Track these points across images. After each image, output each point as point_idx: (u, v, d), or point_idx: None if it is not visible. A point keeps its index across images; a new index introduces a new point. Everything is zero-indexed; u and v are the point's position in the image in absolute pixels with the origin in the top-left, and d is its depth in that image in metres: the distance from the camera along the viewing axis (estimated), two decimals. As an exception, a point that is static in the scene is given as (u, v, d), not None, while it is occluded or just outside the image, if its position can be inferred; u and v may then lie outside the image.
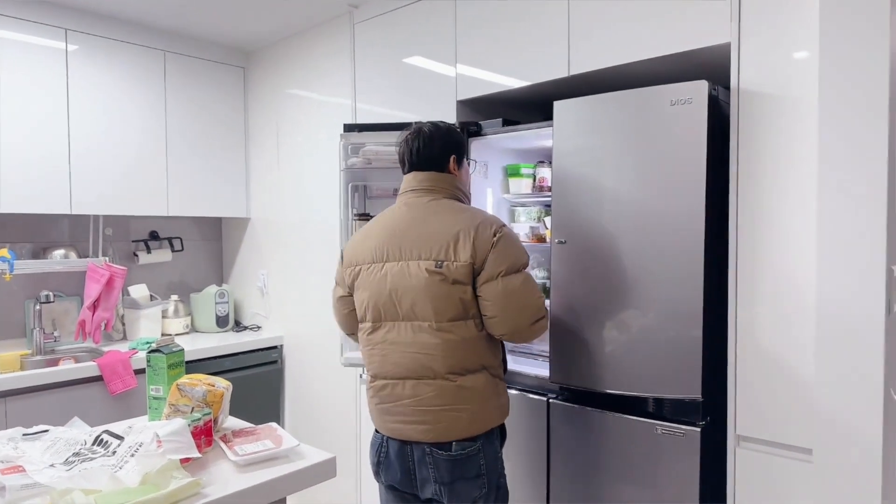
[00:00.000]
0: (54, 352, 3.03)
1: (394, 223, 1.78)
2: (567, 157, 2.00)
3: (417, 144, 1.81)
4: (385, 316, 1.74)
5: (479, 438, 1.70)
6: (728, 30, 1.79)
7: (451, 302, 1.66)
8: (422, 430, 1.69)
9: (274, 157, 3.47)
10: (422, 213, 1.75)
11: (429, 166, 1.81)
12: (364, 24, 2.90)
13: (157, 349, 1.83)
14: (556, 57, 2.19)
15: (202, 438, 1.53)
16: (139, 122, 3.21)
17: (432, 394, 1.67)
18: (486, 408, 1.72)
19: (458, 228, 1.68)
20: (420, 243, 1.70)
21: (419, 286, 1.67)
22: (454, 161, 1.83)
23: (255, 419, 1.87)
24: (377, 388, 1.78)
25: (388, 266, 1.73)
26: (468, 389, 1.68)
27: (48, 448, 1.55)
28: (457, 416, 1.67)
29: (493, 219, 1.74)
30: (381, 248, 1.76)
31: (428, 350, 1.67)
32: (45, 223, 3.16)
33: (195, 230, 3.77)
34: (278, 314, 3.50)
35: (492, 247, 1.66)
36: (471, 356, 1.69)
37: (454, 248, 1.67)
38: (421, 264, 1.68)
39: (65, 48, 2.93)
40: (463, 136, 1.92)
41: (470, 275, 1.66)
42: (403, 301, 1.70)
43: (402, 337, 1.71)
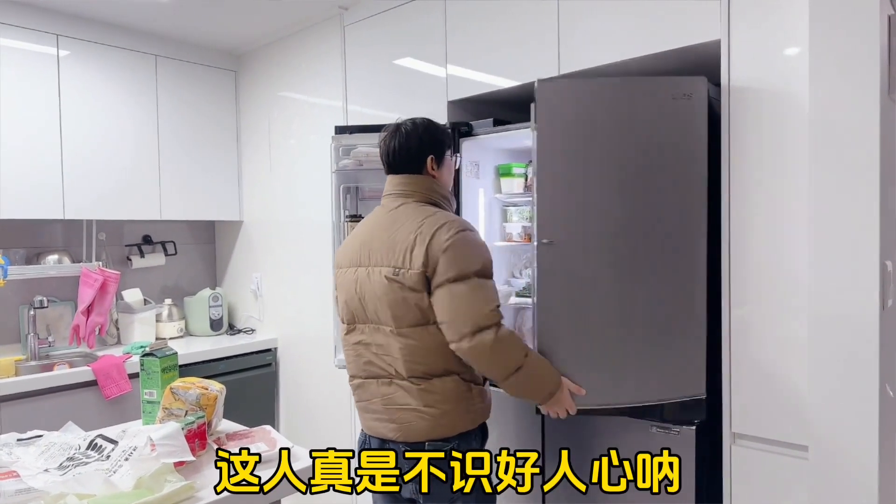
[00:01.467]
0: (49, 357, 3.02)
1: (369, 228, 1.79)
2: (552, 144, 1.82)
3: (394, 145, 1.78)
4: (357, 318, 1.77)
5: (454, 439, 1.68)
6: (718, 27, 1.79)
7: (408, 308, 1.65)
8: (391, 429, 1.70)
9: (266, 159, 3.46)
10: (388, 220, 1.74)
11: (404, 168, 1.78)
12: (354, 25, 2.90)
13: (150, 353, 1.83)
14: (546, 56, 2.20)
15: (196, 442, 1.53)
16: (131, 126, 3.20)
17: (398, 393, 1.69)
18: (456, 411, 1.68)
19: (415, 235, 1.65)
20: (382, 250, 1.70)
21: (380, 292, 1.68)
22: (432, 161, 1.78)
23: (249, 422, 1.86)
24: (354, 387, 1.81)
25: (358, 271, 1.75)
26: (434, 393, 1.66)
27: (42, 453, 1.55)
28: (421, 416, 1.66)
29: (455, 223, 1.67)
30: (355, 252, 1.78)
31: (391, 353, 1.69)
32: (39, 228, 3.15)
33: (188, 234, 3.76)
34: (272, 317, 3.49)
35: (442, 252, 1.61)
36: (434, 361, 1.66)
37: (410, 255, 1.64)
38: (382, 271, 1.68)
39: (56, 54, 2.92)
40: (444, 133, 1.86)
41: (423, 282, 1.63)
42: (368, 305, 1.72)
43: (370, 339, 1.73)
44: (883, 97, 1.53)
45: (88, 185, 3.03)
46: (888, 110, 1.62)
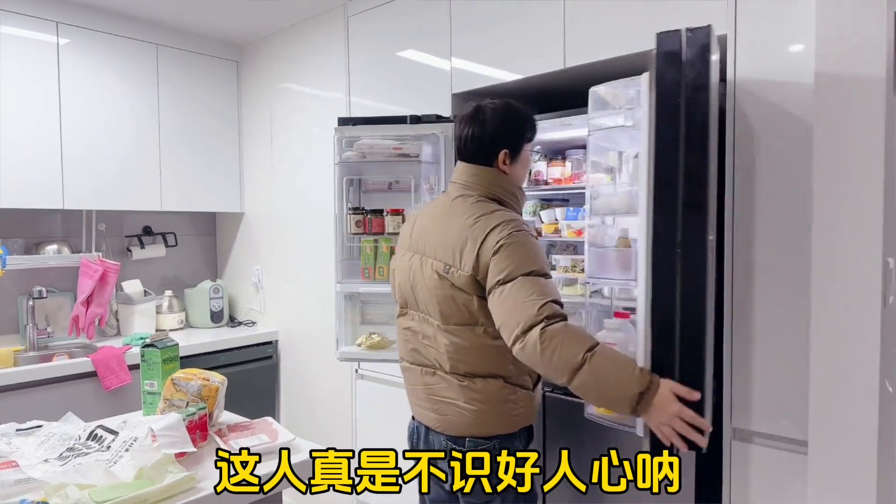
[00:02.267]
0: (48, 348, 3.01)
1: (429, 214, 1.77)
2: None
3: (468, 132, 1.68)
4: (408, 303, 1.77)
5: (495, 438, 1.64)
6: (725, 21, 1.78)
7: (456, 307, 1.61)
8: (433, 419, 1.70)
9: (268, 151, 3.45)
10: (446, 210, 1.70)
11: (474, 159, 1.69)
12: (358, 17, 2.88)
13: (151, 344, 1.82)
14: (551, 50, 2.19)
15: (197, 433, 1.52)
16: (132, 116, 3.19)
17: (441, 385, 1.68)
18: (495, 412, 1.63)
19: (467, 234, 1.59)
20: (436, 242, 1.67)
21: (430, 285, 1.66)
22: (505, 156, 1.68)
23: (250, 414, 1.86)
24: (403, 370, 1.82)
25: (413, 259, 1.74)
26: (476, 392, 1.62)
27: (42, 443, 1.55)
28: (461, 412, 1.64)
29: (510, 224, 1.57)
30: (413, 237, 1.77)
31: (436, 346, 1.67)
32: (38, 218, 3.14)
33: (189, 225, 3.75)
34: (273, 309, 3.49)
35: (493, 255, 1.53)
36: (478, 362, 1.62)
37: (460, 254, 1.59)
38: (433, 264, 1.66)
39: (56, 42, 2.90)
40: (525, 124, 1.72)
41: (472, 284, 1.57)
42: (419, 295, 1.71)
43: (418, 327, 1.72)
44: (888, 94, 1.52)
45: (88, 174, 3.02)
46: (893, 107, 1.61)
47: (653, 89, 1.44)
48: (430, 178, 2.41)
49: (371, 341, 2.41)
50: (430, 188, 2.41)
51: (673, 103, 1.42)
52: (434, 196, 2.39)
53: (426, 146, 2.36)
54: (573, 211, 2.41)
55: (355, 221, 2.41)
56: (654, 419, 1.41)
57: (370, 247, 2.44)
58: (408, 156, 2.36)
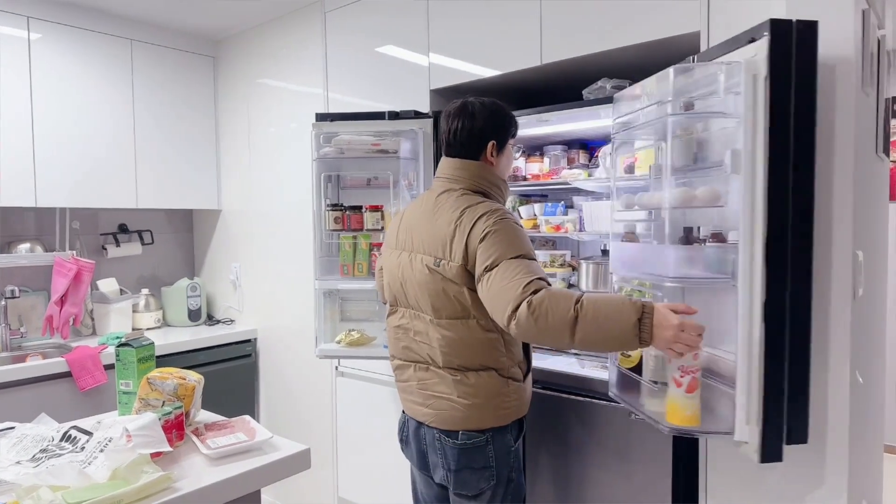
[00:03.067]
0: (21, 348, 2.96)
1: (415, 211, 1.78)
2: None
3: (457, 125, 1.71)
4: (398, 301, 1.77)
5: (488, 431, 1.66)
6: (698, 19, 1.80)
7: (448, 300, 1.63)
8: (426, 414, 1.71)
9: (245, 147, 3.42)
10: (433, 206, 1.71)
11: (461, 152, 1.72)
12: (335, 12, 2.87)
13: (126, 343, 1.80)
14: (528, 46, 2.19)
15: (173, 432, 1.51)
16: (106, 112, 3.14)
17: (434, 380, 1.69)
18: (488, 406, 1.65)
19: (454, 226, 1.61)
20: (424, 237, 1.69)
21: (421, 281, 1.67)
22: (493, 147, 1.71)
23: (230, 413, 1.85)
24: (394, 368, 1.83)
25: (402, 255, 1.75)
26: (469, 386, 1.64)
27: (14, 445, 1.52)
28: (454, 406, 1.65)
29: (495, 213, 1.60)
30: (400, 235, 1.78)
31: (429, 342, 1.68)
32: (10, 216, 3.08)
33: (165, 223, 3.71)
34: (252, 307, 3.46)
35: (479, 242, 1.55)
36: (471, 355, 1.64)
37: (450, 246, 1.61)
38: (423, 259, 1.67)
39: (27, 37, 2.85)
40: (511, 120, 1.76)
41: (463, 275, 1.59)
42: (409, 291, 1.72)
43: (409, 324, 1.73)
44: (857, 90, 1.55)
45: (61, 172, 2.96)
46: (862, 103, 1.64)
47: (766, 81, 1.38)
48: (409, 174, 2.41)
49: (350, 338, 2.41)
50: (409, 184, 2.41)
51: (785, 97, 1.39)
52: (413, 192, 2.39)
53: (405, 142, 2.36)
54: (551, 206, 2.43)
55: (334, 218, 2.40)
56: (661, 341, 1.40)
57: (349, 243, 2.43)
58: (386, 152, 2.35)
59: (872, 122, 1.84)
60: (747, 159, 1.42)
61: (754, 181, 1.41)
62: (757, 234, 1.41)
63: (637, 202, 1.71)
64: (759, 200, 1.41)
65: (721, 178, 1.53)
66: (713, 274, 1.52)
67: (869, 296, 1.82)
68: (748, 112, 1.41)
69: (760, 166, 1.40)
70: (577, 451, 2.01)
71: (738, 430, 1.46)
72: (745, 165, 1.42)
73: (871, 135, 1.84)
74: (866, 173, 1.73)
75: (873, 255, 1.89)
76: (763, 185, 1.40)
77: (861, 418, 1.73)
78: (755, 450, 1.43)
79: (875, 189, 1.96)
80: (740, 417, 1.45)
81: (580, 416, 1.99)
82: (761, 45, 1.39)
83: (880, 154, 2.04)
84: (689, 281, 1.55)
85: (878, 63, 1.84)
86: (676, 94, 1.52)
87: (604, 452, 1.94)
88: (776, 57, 1.37)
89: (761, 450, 1.43)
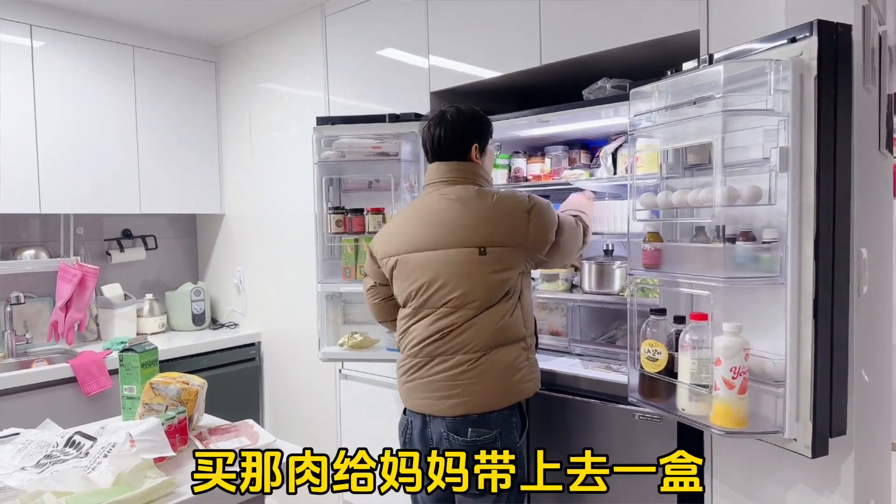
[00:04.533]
0: (27, 354, 2.98)
1: (430, 212, 1.79)
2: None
3: (439, 133, 1.80)
4: (426, 303, 1.77)
5: (497, 426, 1.71)
6: (697, 17, 1.80)
7: (492, 286, 1.70)
8: (450, 405, 1.71)
9: (247, 152, 3.43)
10: (456, 201, 1.75)
11: (450, 156, 1.81)
12: (335, 16, 2.87)
13: (129, 348, 1.81)
14: (527, 47, 2.19)
15: (177, 437, 1.51)
16: (109, 119, 3.15)
17: (461, 368, 1.71)
18: (512, 381, 1.73)
19: (497, 213, 1.73)
20: (461, 231, 1.72)
21: (462, 272, 1.70)
22: (476, 150, 1.82)
23: (234, 417, 1.85)
24: (411, 367, 1.80)
25: (429, 255, 1.75)
26: (494, 363, 1.71)
27: (19, 451, 1.53)
28: (482, 388, 1.70)
29: (522, 197, 1.77)
30: (419, 237, 1.78)
31: (464, 332, 1.71)
32: (15, 223, 3.10)
33: (169, 228, 3.72)
34: (255, 311, 3.47)
35: (528, 224, 1.72)
36: (505, 333, 1.73)
37: (495, 233, 1.71)
38: (463, 251, 1.70)
39: (30, 45, 2.86)
40: (488, 122, 1.89)
41: (514, 259, 1.72)
42: (442, 289, 1.73)
43: (440, 323, 1.74)
44: (858, 87, 1.54)
45: (65, 178, 2.98)
46: (864, 100, 1.63)
47: (814, 81, 1.41)
48: (410, 177, 2.41)
49: (353, 341, 2.41)
50: (410, 186, 2.41)
51: (832, 97, 1.42)
52: (414, 194, 2.39)
53: (405, 144, 2.37)
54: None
55: (335, 221, 2.40)
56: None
57: (351, 246, 2.43)
58: (387, 154, 2.36)
59: (875, 119, 1.83)
60: (795, 157, 1.43)
61: (802, 179, 1.43)
62: (807, 232, 1.43)
63: (675, 200, 1.67)
64: (809, 198, 1.43)
65: (743, 176, 1.55)
66: (749, 273, 1.53)
67: (874, 293, 1.81)
68: (796, 110, 1.43)
69: (811, 164, 1.42)
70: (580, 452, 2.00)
71: (788, 428, 1.47)
72: (793, 163, 1.44)
73: (874, 131, 1.83)
74: (869, 170, 1.72)
75: (878, 253, 1.88)
76: (814, 183, 1.41)
77: (867, 416, 1.72)
78: (807, 446, 1.45)
79: (878, 186, 1.95)
80: (790, 415, 1.47)
81: (583, 417, 1.99)
82: (808, 45, 1.41)
83: (883, 150, 2.03)
84: (740, 281, 1.55)
85: (879, 59, 1.83)
86: (726, 90, 1.50)
87: (608, 453, 1.93)
88: (823, 56, 1.40)
89: (813, 445, 1.45)
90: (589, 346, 2.28)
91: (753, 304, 1.59)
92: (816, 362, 1.44)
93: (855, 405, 1.54)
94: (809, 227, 1.43)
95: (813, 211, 1.42)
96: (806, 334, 1.44)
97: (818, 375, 1.44)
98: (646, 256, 1.75)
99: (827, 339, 1.45)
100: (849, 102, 1.45)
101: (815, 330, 1.43)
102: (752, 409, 1.53)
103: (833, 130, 1.43)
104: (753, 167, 1.56)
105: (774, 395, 1.51)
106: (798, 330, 1.46)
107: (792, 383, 1.46)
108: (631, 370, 1.79)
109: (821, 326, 1.44)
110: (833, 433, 1.47)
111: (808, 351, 1.44)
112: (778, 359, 1.51)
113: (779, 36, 1.47)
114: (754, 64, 1.50)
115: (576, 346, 2.29)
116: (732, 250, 1.54)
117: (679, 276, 1.68)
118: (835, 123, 1.43)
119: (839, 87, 1.43)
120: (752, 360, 1.53)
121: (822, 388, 1.44)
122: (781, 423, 1.48)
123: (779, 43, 1.46)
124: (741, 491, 1.76)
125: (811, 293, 1.43)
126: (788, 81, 1.42)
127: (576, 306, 2.34)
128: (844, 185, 1.47)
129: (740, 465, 1.75)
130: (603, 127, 2.25)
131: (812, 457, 1.45)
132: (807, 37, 1.41)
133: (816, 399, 1.44)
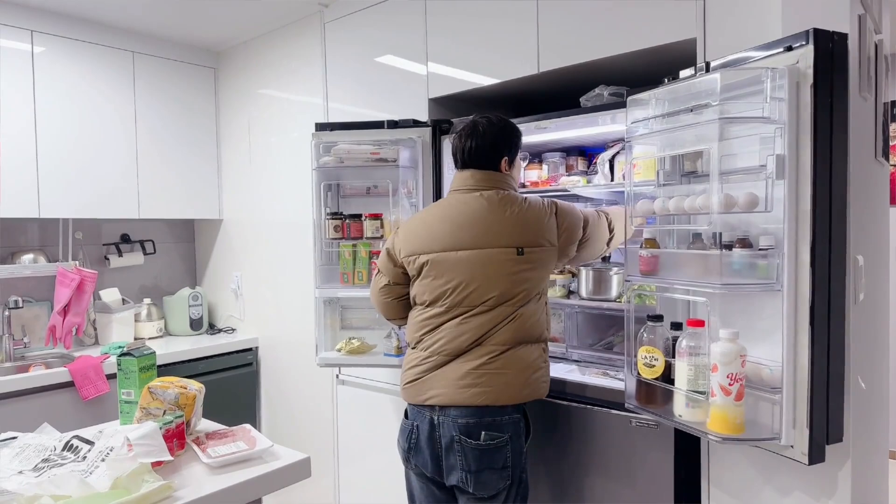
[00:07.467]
0: (24, 358, 2.97)
1: (464, 213, 1.81)
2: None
3: (470, 144, 1.85)
4: (457, 303, 1.78)
5: (508, 430, 1.73)
6: (694, 25, 1.81)
7: (528, 286, 1.77)
8: (472, 394, 1.73)
9: (246, 157, 3.44)
10: (490, 204, 1.80)
11: (480, 165, 1.85)
12: (334, 23, 2.89)
13: (127, 353, 1.80)
14: (525, 54, 2.21)
15: (174, 441, 1.51)
16: (108, 124, 3.16)
17: (483, 359, 1.74)
18: (529, 378, 1.77)
19: (529, 216, 1.79)
20: (498, 231, 1.77)
21: (503, 271, 1.75)
22: (506, 162, 1.87)
23: (231, 422, 1.85)
24: (428, 368, 1.80)
25: (462, 254, 1.77)
26: (518, 359, 1.76)
27: (17, 455, 1.53)
28: (506, 381, 1.73)
29: (546, 202, 1.86)
30: (454, 236, 1.80)
31: (494, 329, 1.75)
32: (13, 227, 3.10)
33: (167, 232, 3.72)
34: (253, 316, 3.47)
35: (558, 224, 1.82)
36: (531, 331, 1.79)
37: (533, 235, 1.78)
38: (502, 251, 1.75)
39: (31, 50, 2.88)
40: (518, 135, 1.92)
41: (548, 258, 1.81)
42: (484, 286, 1.75)
43: (468, 321, 1.76)
44: (854, 95, 1.55)
45: (65, 183, 2.99)
46: (860, 108, 1.65)
47: (810, 89, 1.42)
48: (408, 183, 2.42)
49: (351, 346, 2.41)
50: (408, 192, 2.42)
51: (828, 105, 1.44)
52: (412, 200, 2.40)
53: (404, 150, 2.37)
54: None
55: (334, 226, 2.41)
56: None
57: (349, 252, 2.44)
58: (385, 160, 2.37)
59: (871, 127, 1.84)
60: (791, 165, 1.44)
61: (799, 186, 1.44)
62: (803, 239, 1.44)
63: (672, 207, 1.68)
64: (805, 205, 1.43)
65: (740, 183, 1.56)
66: (746, 280, 1.53)
67: (871, 300, 1.82)
68: (792, 118, 1.44)
69: (807, 171, 1.43)
70: (577, 458, 2.00)
71: (785, 435, 1.48)
72: (790, 170, 1.44)
73: (871, 139, 1.84)
74: (865, 177, 1.73)
75: (875, 260, 1.89)
76: (810, 191, 1.42)
77: (865, 424, 1.73)
78: (803, 453, 1.46)
79: (875, 193, 1.96)
80: (787, 421, 1.47)
81: (580, 423, 1.99)
82: (804, 54, 1.42)
83: (880, 158, 2.04)
84: (737, 288, 1.55)
85: (875, 68, 1.84)
86: (723, 97, 1.52)
87: (605, 460, 1.94)
88: (819, 65, 1.41)
89: (810, 452, 1.45)
90: (586, 352, 2.28)
91: (750, 311, 1.59)
92: (813, 369, 1.44)
93: (852, 412, 1.55)
94: (806, 234, 1.43)
95: (809, 218, 1.43)
96: (802, 341, 1.45)
97: (815, 382, 1.44)
98: (643, 263, 1.75)
99: (823, 346, 1.46)
100: (845, 110, 1.47)
101: (811, 337, 1.44)
102: (748, 415, 1.53)
103: (829, 138, 1.43)
104: (750, 174, 1.57)
105: (771, 401, 1.51)
106: (794, 337, 1.46)
107: (788, 390, 1.47)
108: (628, 376, 1.79)
109: (817, 333, 1.44)
110: (830, 440, 1.48)
111: (804, 358, 1.45)
112: (775, 365, 1.51)
113: (775, 44, 1.48)
114: (751, 72, 1.51)
115: (573, 352, 2.29)
116: (729, 257, 1.55)
117: (676, 283, 1.68)
118: (831, 131, 1.44)
119: (835, 96, 1.44)
120: (749, 367, 1.54)
121: (818, 394, 1.45)
122: (778, 430, 1.49)
123: (775, 51, 1.47)
124: (738, 498, 1.75)
125: (808, 300, 1.44)
126: (784, 89, 1.44)
127: (573, 312, 2.34)
128: (841, 193, 1.48)
129: (737, 471, 1.75)
130: (600, 134, 2.26)
131: (809, 464, 1.45)
132: (803, 45, 1.42)
133: (813, 406, 1.44)
